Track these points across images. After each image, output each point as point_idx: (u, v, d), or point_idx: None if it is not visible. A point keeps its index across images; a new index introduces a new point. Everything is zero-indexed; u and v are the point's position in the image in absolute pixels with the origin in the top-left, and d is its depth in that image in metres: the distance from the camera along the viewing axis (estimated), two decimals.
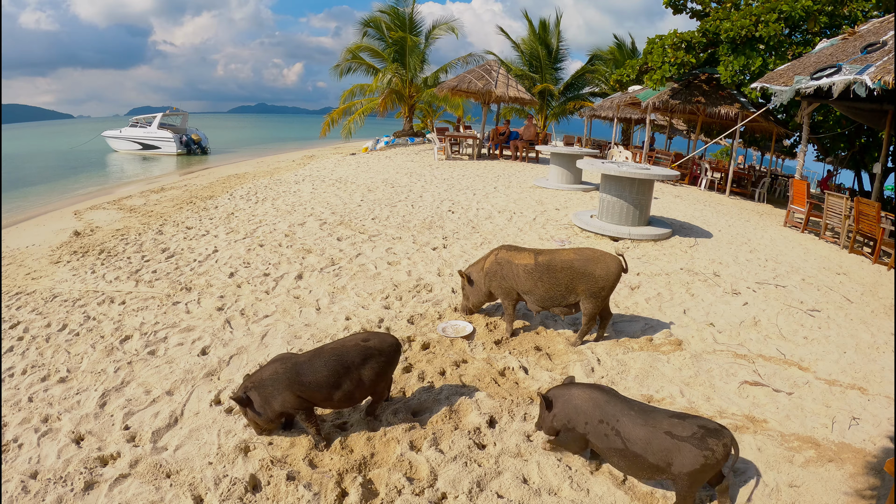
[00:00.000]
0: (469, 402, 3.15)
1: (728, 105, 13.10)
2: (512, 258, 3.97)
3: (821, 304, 5.19)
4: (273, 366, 2.74)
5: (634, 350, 3.93)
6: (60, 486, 2.37)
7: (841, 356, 4.03)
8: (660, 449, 2.35)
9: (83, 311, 4.34)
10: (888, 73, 6.91)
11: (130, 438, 2.75)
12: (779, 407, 3.23)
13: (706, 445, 2.29)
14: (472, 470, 2.61)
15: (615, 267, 3.75)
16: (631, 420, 2.45)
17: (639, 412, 2.48)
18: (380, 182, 11.16)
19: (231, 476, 2.47)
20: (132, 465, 2.54)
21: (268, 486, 2.46)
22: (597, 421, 2.52)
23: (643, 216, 7.40)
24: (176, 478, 2.48)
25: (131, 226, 7.58)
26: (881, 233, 7.07)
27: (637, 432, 2.41)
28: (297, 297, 4.77)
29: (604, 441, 2.50)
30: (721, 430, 2.35)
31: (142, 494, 2.36)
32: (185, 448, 2.69)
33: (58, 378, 3.30)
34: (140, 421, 2.89)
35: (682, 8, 15.18)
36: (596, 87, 25.00)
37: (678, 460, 2.31)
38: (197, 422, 2.90)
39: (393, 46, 20.66)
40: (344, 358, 2.79)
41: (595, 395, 2.59)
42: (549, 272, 3.80)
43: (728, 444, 2.32)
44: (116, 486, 2.40)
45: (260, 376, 2.72)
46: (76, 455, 2.59)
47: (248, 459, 2.62)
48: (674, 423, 2.39)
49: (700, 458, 2.28)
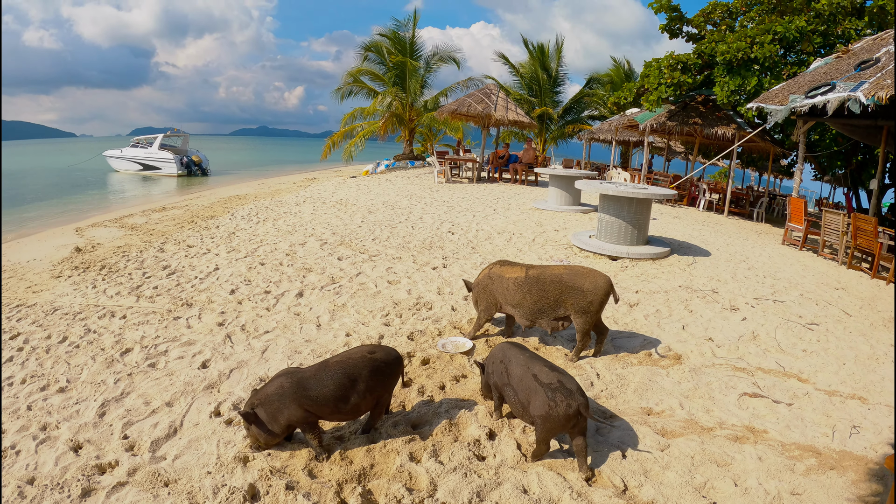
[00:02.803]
0: (469, 416, 3.15)
1: (725, 125, 13.29)
2: (503, 273, 4.06)
3: (819, 318, 5.20)
4: (279, 380, 2.74)
5: (633, 365, 3.93)
6: (57, 492, 2.37)
7: (840, 367, 4.03)
8: (525, 388, 2.76)
9: (84, 325, 4.36)
10: (882, 88, 7.05)
11: (129, 447, 2.75)
12: (779, 417, 3.22)
13: (553, 397, 2.62)
14: (471, 481, 2.59)
15: (603, 283, 3.80)
16: (518, 362, 2.91)
17: (528, 358, 2.91)
18: (380, 204, 11.26)
19: (230, 485, 2.46)
20: (130, 473, 2.54)
21: (267, 496, 2.45)
22: (498, 361, 3.02)
23: (641, 236, 7.46)
24: (174, 486, 2.47)
25: (133, 243, 7.64)
26: (879, 247, 7.11)
27: (517, 371, 2.86)
28: (298, 314, 4.79)
29: (500, 378, 2.96)
30: (574, 392, 2.63)
31: (139, 502, 2.35)
32: (184, 458, 2.68)
33: (57, 388, 3.31)
34: (139, 431, 2.89)
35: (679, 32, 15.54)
36: (595, 111, 25.37)
37: (533, 402, 2.69)
38: (196, 432, 2.90)
39: (393, 70, 21.05)
40: (350, 371, 2.80)
41: (504, 346, 3.10)
42: (538, 284, 3.87)
43: (573, 407, 2.58)
44: (114, 494, 2.39)
45: (266, 392, 2.72)
46: (74, 462, 2.58)
47: (247, 469, 2.61)
48: (544, 370, 2.77)
49: (545, 405, 2.62)
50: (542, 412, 2.64)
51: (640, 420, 3.15)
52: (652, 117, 14.39)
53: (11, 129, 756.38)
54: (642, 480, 2.62)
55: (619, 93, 16.65)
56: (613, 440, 2.94)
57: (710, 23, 15.40)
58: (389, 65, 21.10)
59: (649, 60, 14.27)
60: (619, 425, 3.08)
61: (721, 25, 14.36)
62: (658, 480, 2.63)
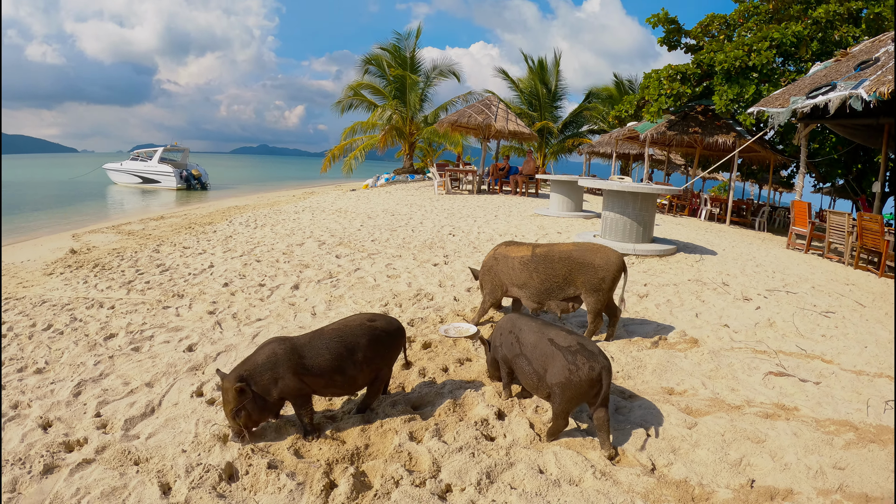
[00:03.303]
0: (475, 395, 2.92)
1: (725, 134, 13.23)
2: (509, 252, 3.86)
3: (834, 308, 4.99)
4: (270, 347, 2.46)
5: (649, 348, 3.71)
6: (18, 467, 2.13)
7: (862, 350, 3.81)
8: (541, 354, 2.53)
9: (70, 314, 4.15)
10: (883, 84, 6.96)
11: (101, 426, 2.51)
12: (808, 395, 2.99)
13: (574, 360, 2.39)
14: (480, 461, 2.35)
15: (615, 258, 3.61)
16: (530, 329, 2.69)
17: (542, 325, 2.70)
18: (380, 211, 11.12)
19: (205, 464, 2.22)
20: (98, 451, 2.30)
21: (246, 476, 2.21)
22: (507, 332, 2.78)
23: (647, 234, 7.28)
24: (145, 465, 2.22)
25: (128, 246, 7.45)
26: (885, 245, 6.93)
27: (530, 338, 2.64)
28: (293, 304, 4.58)
29: (511, 350, 2.72)
30: (597, 355, 2.42)
31: (104, 480, 2.11)
32: (159, 436, 2.44)
33: (35, 369, 3.09)
34: (114, 410, 2.66)
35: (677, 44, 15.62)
36: (594, 126, 25.45)
37: (551, 368, 2.45)
38: (175, 412, 2.67)
39: (393, 84, 21.13)
40: (348, 339, 2.56)
41: (512, 316, 2.89)
42: (546, 262, 3.66)
43: (595, 370, 2.36)
44: (78, 472, 2.15)
45: (255, 361, 2.42)
46: (41, 440, 2.35)
47: (226, 448, 2.36)
48: (560, 334, 2.56)
49: (565, 370, 2.39)
50: (561, 378, 2.40)
51: (662, 399, 2.91)
52: (652, 127, 14.37)
53: (13, 143, 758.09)
54: (671, 458, 2.38)
55: (620, 106, 16.68)
56: (635, 419, 2.70)
57: (708, 35, 15.51)
58: (389, 78, 21.19)
59: (648, 72, 14.31)
60: (641, 404, 2.85)
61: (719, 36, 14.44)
62: (689, 458, 2.39)
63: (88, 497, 2.00)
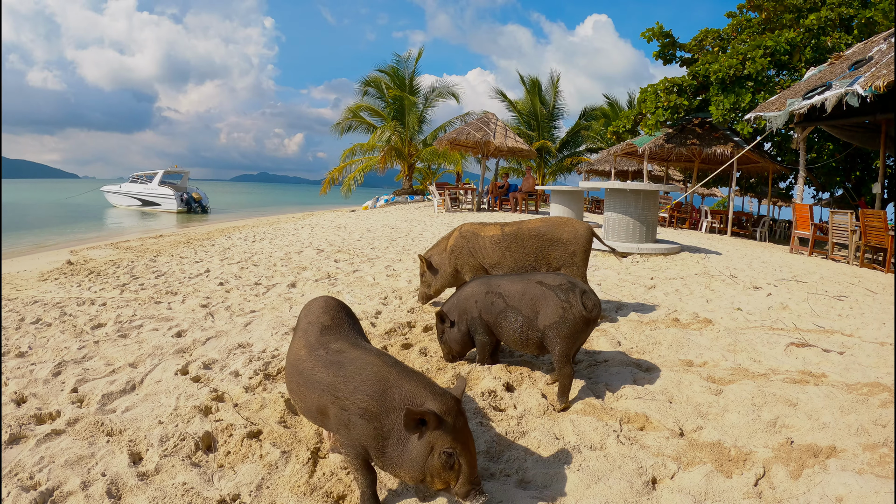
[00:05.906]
0: (480, 370, 2.74)
1: (722, 144, 13.25)
2: (478, 230, 3.63)
3: (846, 293, 4.83)
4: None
5: (662, 328, 3.54)
6: None
7: (881, 326, 3.65)
8: (531, 298, 2.42)
9: (60, 310, 3.99)
10: (878, 78, 6.96)
11: (77, 401, 2.34)
12: (834, 363, 2.82)
13: (567, 298, 2.34)
14: (488, 429, 2.17)
15: (583, 230, 3.49)
16: (513, 279, 2.55)
17: (521, 274, 2.62)
18: (380, 226, 11.05)
19: (181, 432, 2.05)
20: (70, 423, 2.14)
21: (224, 445, 2.03)
22: (483, 293, 2.58)
23: (650, 233, 7.16)
24: (118, 437, 2.05)
25: (125, 257, 7.33)
26: (891, 241, 6.79)
27: (515, 287, 2.50)
28: (289, 299, 4.43)
29: (492, 309, 2.53)
30: (588, 292, 2.37)
31: (70, 450, 1.94)
32: (137, 410, 2.27)
33: (17, 353, 2.92)
34: (93, 387, 2.48)
35: (672, 57, 15.80)
36: (592, 145, 25.60)
37: (543, 310, 2.37)
38: (156, 388, 2.49)
39: (392, 105, 21.30)
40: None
41: (481, 278, 2.71)
42: (517, 241, 3.52)
43: (589, 306, 2.32)
44: (45, 443, 1.98)
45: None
46: (12, 413, 2.17)
47: (206, 420, 2.19)
48: (549, 276, 2.50)
49: (559, 309, 2.32)
50: (555, 318, 2.33)
51: (683, 370, 2.75)
52: (650, 140, 14.41)
53: (15, 167, 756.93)
54: (700, 423, 2.21)
55: (617, 122, 16.77)
56: (656, 389, 2.52)
57: (702, 49, 15.72)
58: (388, 99, 21.36)
59: (645, 87, 14.44)
60: (660, 375, 2.67)
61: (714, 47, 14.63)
62: (719, 423, 2.22)
63: (52, 465, 1.83)
